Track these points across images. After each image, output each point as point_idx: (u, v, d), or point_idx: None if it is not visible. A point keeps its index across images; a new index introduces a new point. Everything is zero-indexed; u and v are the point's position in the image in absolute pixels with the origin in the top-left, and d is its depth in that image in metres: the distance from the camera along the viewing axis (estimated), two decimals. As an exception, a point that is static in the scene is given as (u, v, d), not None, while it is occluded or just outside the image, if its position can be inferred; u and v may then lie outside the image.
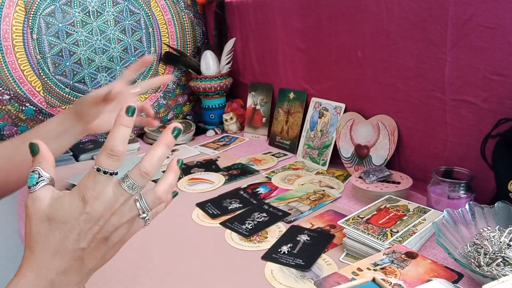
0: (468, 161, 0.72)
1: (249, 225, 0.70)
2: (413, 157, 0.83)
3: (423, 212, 0.65)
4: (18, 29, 1.08)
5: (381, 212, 0.66)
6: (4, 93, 1.08)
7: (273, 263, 0.59)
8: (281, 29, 1.10)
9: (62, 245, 0.35)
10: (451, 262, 0.54)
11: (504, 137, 0.63)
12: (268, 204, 0.78)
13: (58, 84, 1.16)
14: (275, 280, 0.56)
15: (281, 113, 1.13)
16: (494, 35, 0.63)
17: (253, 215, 0.74)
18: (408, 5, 0.75)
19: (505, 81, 0.63)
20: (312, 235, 0.66)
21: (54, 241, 0.35)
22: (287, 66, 1.13)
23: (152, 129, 1.26)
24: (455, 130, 0.73)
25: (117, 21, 1.21)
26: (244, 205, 0.79)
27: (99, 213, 0.35)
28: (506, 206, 0.58)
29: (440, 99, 0.74)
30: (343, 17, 0.90)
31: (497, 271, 0.50)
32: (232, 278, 0.57)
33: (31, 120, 1.13)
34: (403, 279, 0.48)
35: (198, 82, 1.28)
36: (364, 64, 0.88)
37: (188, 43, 1.36)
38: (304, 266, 0.58)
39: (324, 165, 0.96)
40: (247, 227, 0.70)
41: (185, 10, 1.32)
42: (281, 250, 0.62)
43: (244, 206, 0.78)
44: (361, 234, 0.59)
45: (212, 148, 1.15)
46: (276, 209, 0.76)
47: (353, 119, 0.91)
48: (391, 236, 0.58)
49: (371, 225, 0.61)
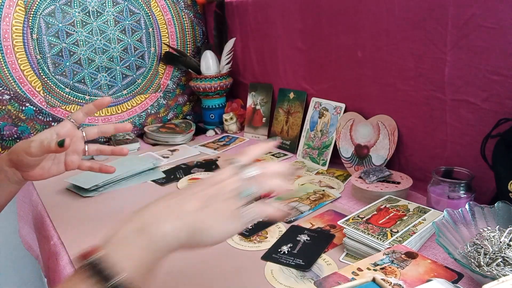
0: (468, 161, 0.72)
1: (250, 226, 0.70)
2: (413, 157, 0.83)
3: (423, 212, 0.65)
4: (18, 29, 1.08)
5: (381, 212, 0.66)
6: (4, 93, 1.08)
7: (273, 263, 0.59)
8: (281, 29, 1.10)
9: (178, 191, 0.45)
10: (451, 262, 0.54)
11: (504, 137, 0.63)
12: (268, 204, 0.78)
13: (58, 84, 1.16)
14: (275, 280, 0.56)
15: (281, 113, 1.13)
16: (494, 35, 0.63)
17: (253, 215, 0.74)
18: (408, 5, 0.75)
19: (505, 81, 0.63)
20: (312, 235, 0.66)
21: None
22: (287, 66, 1.13)
23: (152, 129, 1.26)
24: (455, 130, 0.73)
25: (117, 21, 1.21)
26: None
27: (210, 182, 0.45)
28: (506, 206, 0.58)
29: (440, 99, 0.74)
30: (343, 17, 0.90)
31: (497, 271, 0.50)
32: (232, 278, 0.57)
33: (31, 120, 1.13)
34: (403, 279, 0.48)
35: (198, 82, 1.28)
36: (364, 64, 0.88)
37: (188, 43, 1.36)
38: (304, 266, 0.58)
39: (324, 165, 0.96)
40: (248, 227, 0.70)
41: (185, 10, 1.32)
42: (281, 250, 0.62)
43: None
44: (361, 234, 0.59)
45: (212, 148, 1.15)
46: (276, 209, 0.76)
47: (353, 119, 0.91)
48: (391, 236, 0.58)
49: (371, 225, 0.61)
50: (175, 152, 1.13)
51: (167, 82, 1.34)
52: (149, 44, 1.28)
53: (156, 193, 0.87)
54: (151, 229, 0.41)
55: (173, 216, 0.42)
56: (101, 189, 0.88)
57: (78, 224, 0.75)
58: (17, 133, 1.11)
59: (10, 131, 1.11)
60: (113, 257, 0.37)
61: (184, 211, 0.42)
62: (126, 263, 0.38)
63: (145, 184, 0.92)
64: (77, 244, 0.68)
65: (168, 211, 0.42)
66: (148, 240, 0.40)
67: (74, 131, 0.71)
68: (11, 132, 1.11)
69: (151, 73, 1.31)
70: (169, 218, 0.42)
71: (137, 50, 1.27)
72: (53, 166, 0.71)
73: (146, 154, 1.12)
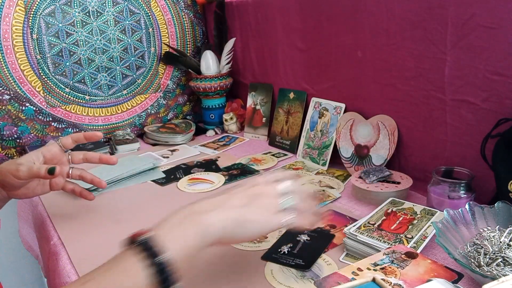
0: (468, 161, 0.72)
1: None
2: (413, 157, 0.83)
3: (430, 215, 0.65)
4: (18, 29, 1.08)
5: (390, 217, 0.65)
6: (4, 93, 1.08)
7: (273, 263, 0.59)
8: (281, 29, 1.10)
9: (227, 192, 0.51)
10: (451, 262, 0.54)
11: (504, 137, 0.63)
12: (268, 204, 0.78)
13: (58, 84, 1.16)
14: (275, 280, 0.56)
15: (281, 113, 1.13)
16: (494, 35, 0.63)
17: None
18: (408, 5, 0.75)
19: (505, 81, 0.63)
20: (312, 235, 0.66)
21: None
22: (287, 66, 1.13)
23: (152, 129, 1.26)
24: (455, 130, 0.73)
25: (117, 21, 1.21)
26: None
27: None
28: (506, 206, 0.58)
29: (440, 99, 0.74)
30: (343, 17, 0.90)
31: (497, 271, 0.50)
32: (232, 278, 0.57)
33: (31, 120, 1.13)
34: (403, 279, 0.48)
35: (198, 82, 1.28)
36: (364, 64, 0.88)
37: (188, 43, 1.36)
38: (304, 266, 0.58)
39: (324, 165, 0.96)
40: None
41: (185, 10, 1.32)
42: (281, 250, 0.62)
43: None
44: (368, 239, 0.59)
45: (212, 148, 1.15)
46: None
47: (353, 119, 0.91)
48: (408, 243, 0.58)
49: (385, 232, 0.61)
50: (175, 152, 1.13)
51: (167, 82, 1.34)
52: (149, 44, 1.28)
53: (156, 193, 0.87)
54: (199, 218, 0.45)
55: (220, 209, 0.47)
56: (101, 189, 0.88)
57: (78, 224, 0.75)
58: (17, 133, 1.11)
59: (10, 131, 1.11)
60: (163, 238, 0.42)
61: (231, 205, 0.48)
62: (173, 244, 0.42)
63: (145, 184, 0.92)
64: (77, 244, 0.68)
65: (216, 205, 0.48)
66: (196, 227, 0.44)
67: (61, 155, 0.73)
68: (11, 132, 1.11)
69: (151, 73, 1.31)
70: (217, 210, 0.47)
71: (137, 50, 1.27)
72: (38, 186, 0.73)
73: (146, 154, 1.12)
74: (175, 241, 0.42)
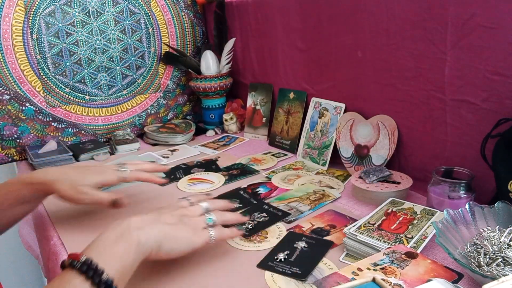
0: (468, 161, 0.72)
1: (249, 225, 0.70)
2: (413, 157, 0.83)
3: (430, 215, 0.65)
4: (18, 29, 1.08)
5: (390, 217, 0.65)
6: (4, 93, 1.08)
7: (269, 271, 0.58)
8: (281, 29, 1.10)
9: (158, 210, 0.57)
10: (451, 262, 0.54)
11: (504, 137, 0.63)
12: (268, 204, 0.78)
13: (58, 84, 1.16)
14: (275, 285, 0.55)
15: (281, 113, 1.13)
16: (494, 35, 0.63)
17: (253, 215, 0.74)
18: (408, 5, 0.75)
19: (505, 81, 0.63)
20: (310, 242, 0.64)
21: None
22: (287, 66, 1.13)
23: (152, 129, 1.26)
24: (455, 130, 0.73)
25: (117, 21, 1.21)
26: (244, 205, 0.79)
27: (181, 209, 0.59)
28: (506, 206, 0.58)
29: (440, 99, 0.74)
30: (343, 17, 0.90)
31: (497, 271, 0.50)
32: (232, 278, 0.57)
33: (31, 120, 1.13)
34: (403, 279, 0.48)
35: (198, 82, 1.28)
36: (364, 64, 0.88)
37: (188, 43, 1.36)
38: (300, 275, 0.56)
39: (324, 165, 0.96)
40: (247, 227, 0.70)
41: (185, 10, 1.32)
42: (278, 258, 0.60)
43: (244, 206, 0.78)
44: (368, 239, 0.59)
45: (212, 148, 1.15)
46: (276, 209, 0.76)
47: (353, 119, 0.91)
48: (408, 243, 0.58)
49: (385, 232, 0.61)
50: (175, 152, 1.13)
51: (167, 82, 1.34)
52: (149, 44, 1.28)
53: (156, 193, 0.87)
54: (135, 233, 0.49)
55: (153, 225, 0.52)
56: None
57: (78, 224, 0.75)
58: (17, 133, 1.11)
59: (10, 131, 1.11)
60: (98, 259, 0.44)
61: (163, 221, 0.53)
62: (110, 263, 0.45)
63: (145, 184, 0.92)
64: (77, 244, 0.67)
65: (146, 222, 0.52)
66: (131, 243, 0.48)
67: (116, 182, 0.75)
68: (11, 132, 1.11)
69: (151, 73, 1.31)
70: (147, 227, 0.51)
71: (137, 50, 1.27)
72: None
73: (146, 154, 1.12)
74: (112, 260, 0.46)
